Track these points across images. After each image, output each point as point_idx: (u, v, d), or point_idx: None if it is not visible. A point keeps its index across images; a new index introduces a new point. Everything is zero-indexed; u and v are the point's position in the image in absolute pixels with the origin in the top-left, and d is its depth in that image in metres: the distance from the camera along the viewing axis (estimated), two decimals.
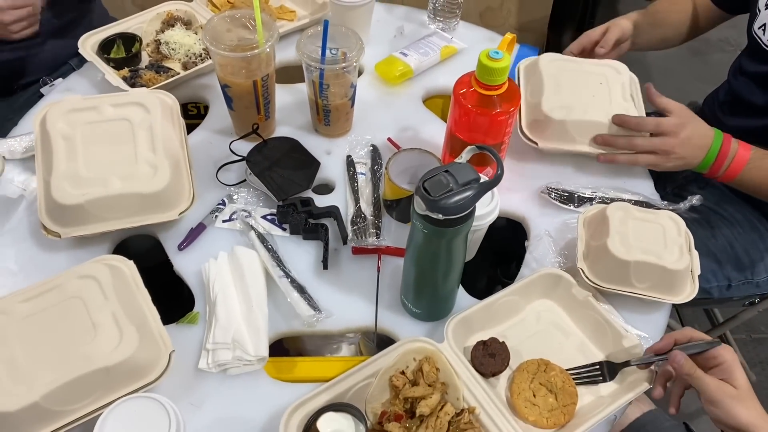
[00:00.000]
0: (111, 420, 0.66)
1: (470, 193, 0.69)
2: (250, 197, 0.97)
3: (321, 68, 0.94)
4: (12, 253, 0.90)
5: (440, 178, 0.69)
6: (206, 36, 0.92)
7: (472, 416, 0.75)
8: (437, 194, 0.68)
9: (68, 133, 0.89)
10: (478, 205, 0.82)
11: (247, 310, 0.83)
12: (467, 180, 0.69)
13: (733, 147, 0.98)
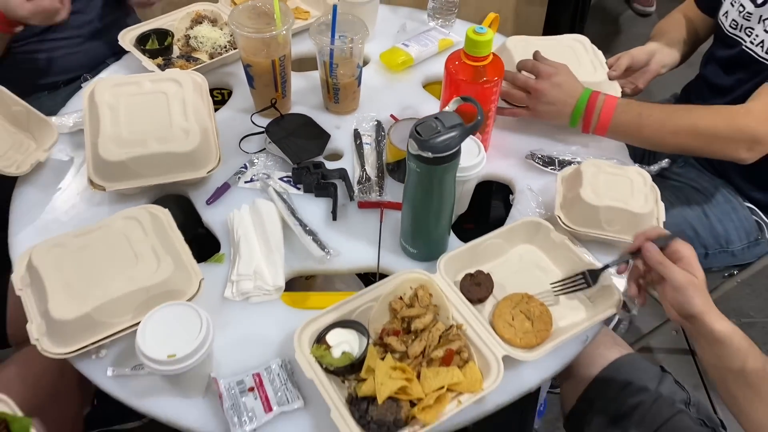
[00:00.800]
0: (152, 321, 0.78)
1: (455, 134, 0.81)
2: (268, 162, 1.10)
3: (331, 48, 1.08)
4: (63, 208, 1.03)
5: (430, 123, 0.82)
6: (232, 21, 1.06)
7: (459, 331, 0.86)
8: (427, 135, 0.81)
9: (113, 103, 1.04)
10: (467, 157, 0.95)
11: (266, 250, 0.95)
12: (453, 124, 0.82)
13: (601, 97, 1.09)
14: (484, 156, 0.98)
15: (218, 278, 0.95)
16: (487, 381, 0.82)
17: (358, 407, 0.80)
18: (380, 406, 0.79)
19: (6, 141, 1.06)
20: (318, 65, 1.15)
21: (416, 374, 0.82)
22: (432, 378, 0.81)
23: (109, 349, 0.87)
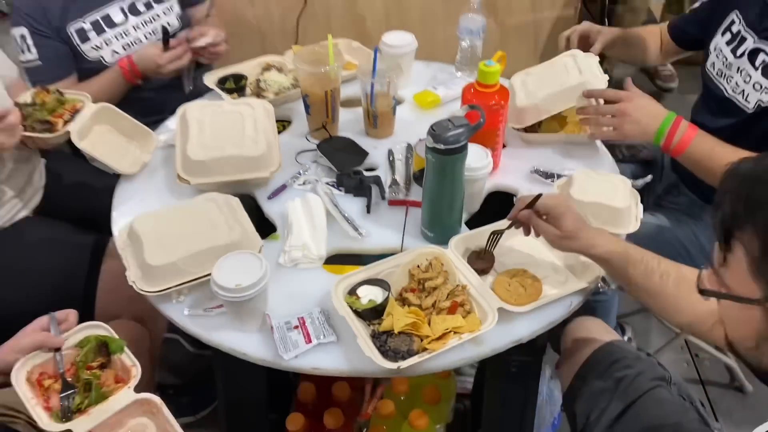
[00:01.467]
0: (225, 262, 1.02)
1: (462, 130, 1.06)
2: (318, 170, 1.36)
3: (372, 82, 1.36)
4: (155, 198, 1.30)
5: (443, 123, 1.07)
6: (296, 60, 1.36)
7: (464, 290, 1.07)
8: (440, 131, 1.05)
9: (200, 118, 1.33)
10: (476, 160, 1.18)
11: (312, 229, 1.19)
12: (461, 124, 1.06)
13: (684, 123, 1.30)
14: (491, 161, 1.22)
15: (274, 251, 1.18)
16: (484, 325, 1.01)
17: (379, 339, 1.01)
18: (396, 338, 1.00)
19: (120, 147, 1.37)
20: (362, 98, 1.42)
21: (428, 321, 1.03)
22: (440, 323, 1.02)
23: (186, 295, 1.11)
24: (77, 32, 1.66)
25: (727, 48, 1.43)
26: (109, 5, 1.69)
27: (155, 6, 1.76)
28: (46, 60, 1.62)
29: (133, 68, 1.65)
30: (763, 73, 1.34)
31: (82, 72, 1.69)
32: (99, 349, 1.04)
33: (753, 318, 0.67)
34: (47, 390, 0.99)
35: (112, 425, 0.96)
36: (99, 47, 1.68)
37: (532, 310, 1.06)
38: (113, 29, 1.70)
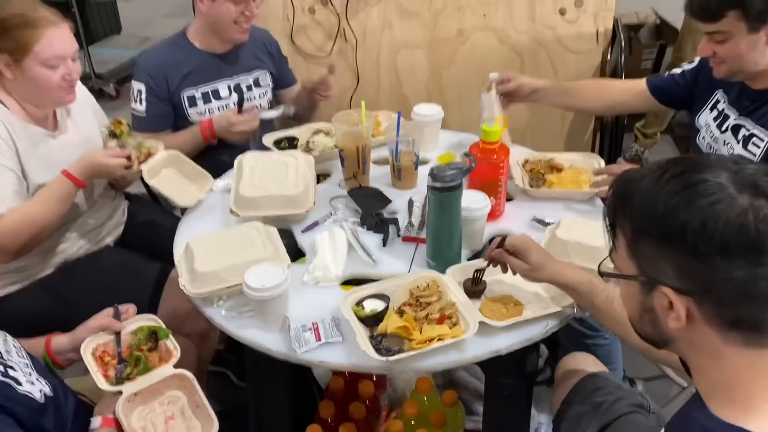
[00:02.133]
0: (255, 270, 1.25)
1: (456, 172, 1.28)
2: (346, 212, 1.60)
3: (397, 140, 1.61)
4: (208, 227, 1.57)
5: (442, 167, 1.30)
6: (334, 121, 1.63)
7: (453, 306, 1.25)
8: (439, 173, 1.28)
9: (252, 164, 1.61)
10: (475, 203, 1.39)
11: (334, 255, 1.42)
12: (455, 167, 1.29)
13: None
14: (488, 205, 1.42)
15: (300, 271, 1.41)
16: (466, 333, 1.19)
17: (375, 340, 1.20)
18: (390, 339, 1.19)
19: (182, 186, 1.66)
20: (389, 155, 1.67)
21: (419, 330, 1.22)
22: (428, 330, 1.21)
23: (225, 301, 1.34)
24: (188, 98, 1.99)
25: (714, 123, 1.60)
26: (220, 82, 2.03)
27: (254, 89, 2.08)
28: (150, 116, 1.96)
29: (210, 128, 1.96)
30: (744, 145, 1.50)
31: (178, 128, 2.01)
32: (149, 336, 1.28)
33: (635, 293, 0.83)
34: (106, 364, 1.24)
35: (153, 392, 1.19)
36: (202, 114, 2.02)
37: (512, 327, 1.23)
38: (217, 101, 2.03)
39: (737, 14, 1.36)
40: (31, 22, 1.49)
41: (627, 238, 0.80)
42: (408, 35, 2.30)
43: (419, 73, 2.35)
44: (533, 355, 1.40)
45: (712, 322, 0.75)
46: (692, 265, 0.74)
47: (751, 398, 0.75)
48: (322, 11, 2.30)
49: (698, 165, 0.77)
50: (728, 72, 1.48)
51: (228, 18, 1.89)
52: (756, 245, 0.71)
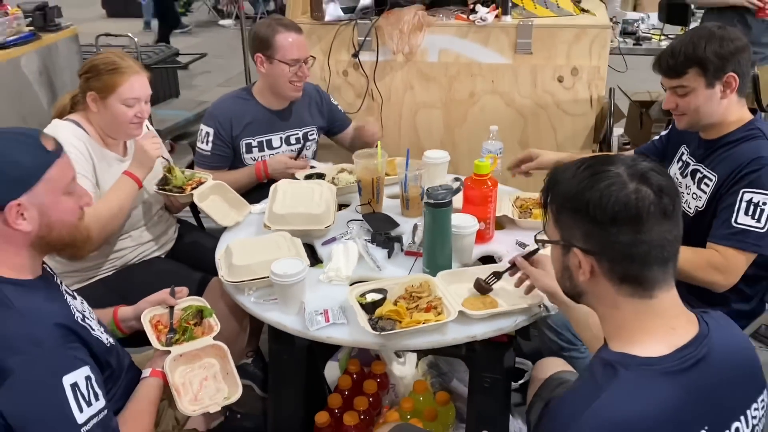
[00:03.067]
0: (281, 262, 1.55)
1: (446, 191, 1.58)
2: (360, 231, 1.90)
3: (405, 173, 1.92)
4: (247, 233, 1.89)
5: (435, 187, 1.60)
6: (355, 156, 1.96)
7: (439, 300, 1.52)
8: (432, 191, 1.58)
9: (285, 188, 1.94)
10: (463, 222, 1.68)
11: (345, 261, 1.71)
12: (446, 188, 1.59)
13: None
14: (476, 225, 1.70)
15: (317, 273, 1.70)
16: (447, 318, 1.45)
17: (372, 321, 1.47)
18: (384, 321, 1.46)
19: (224, 210, 2.00)
20: (399, 188, 1.98)
21: (410, 316, 1.49)
22: (417, 316, 1.48)
23: (254, 291, 1.63)
24: (246, 145, 2.36)
25: (679, 172, 1.88)
26: (274, 134, 2.40)
27: (302, 143, 2.43)
28: (214, 155, 2.32)
29: (264, 168, 2.31)
30: (698, 185, 1.77)
31: (233, 168, 2.37)
32: (196, 313, 1.57)
33: (557, 255, 1.09)
34: (159, 332, 1.53)
35: (193, 357, 1.47)
36: (255, 159, 2.38)
37: (486, 319, 1.49)
38: (270, 150, 2.40)
39: (697, 71, 1.66)
40: (119, 69, 1.88)
41: (553, 213, 1.08)
42: (426, 96, 2.66)
43: (435, 129, 2.69)
44: (509, 352, 1.64)
45: (607, 276, 1.02)
46: (593, 231, 1.01)
47: (636, 334, 1.01)
48: (354, 74, 2.68)
49: (604, 160, 1.05)
50: (688, 123, 1.76)
51: (284, 78, 2.26)
52: (636, 218, 0.98)
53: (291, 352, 1.72)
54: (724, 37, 1.63)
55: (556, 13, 2.60)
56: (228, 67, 6.85)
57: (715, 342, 1.01)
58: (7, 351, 1.13)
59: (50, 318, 1.22)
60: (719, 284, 1.66)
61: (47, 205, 1.25)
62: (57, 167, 1.26)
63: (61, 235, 1.29)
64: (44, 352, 1.16)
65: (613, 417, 0.92)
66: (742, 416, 1.01)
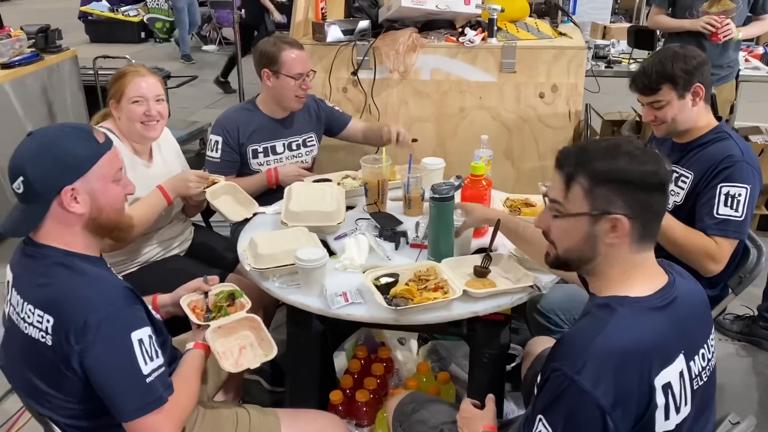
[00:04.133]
0: (305, 249, 1.75)
1: (449, 187, 1.80)
2: (368, 227, 2.10)
3: (408, 176, 2.14)
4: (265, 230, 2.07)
5: (440, 183, 1.81)
6: (363, 160, 2.17)
7: (445, 282, 1.73)
8: (437, 187, 1.80)
9: (299, 189, 2.14)
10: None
11: (358, 252, 1.91)
12: (449, 184, 1.81)
13: None
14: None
15: (333, 263, 1.89)
16: (453, 296, 1.66)
17: (387, 299, 1.67)
18: (397, 299, 1.66)
19: (234, 207, 2.19)
20: (402, 189, 2.20)
21: (420, 294, 1.69)
22: (427, 294, 1.68)
23: (277, 278, 1.82)
24: (252, 151, 2.55)
25: None
26: (277, 140, 2.59)
27: (302, 149, 2.65)
28: (223, 161, 2.50)
29: (276, 176, 2.51)
30: (675, 183, 2.01)
31: (241, 174, 2.55)
32: (228, 296, 1.75)
33: (582, 225, 1.22)
34: (197, 314, 1.70)
35: (230, 330, 1.65)
36: (261, 164, 2.57)
37: (486, 298, 1.70)
38: (274, 155, 2.59)
39: (669, 86, 1.92)
40: (127, 73, 2.11)
41: (584, 187, 1.22)
42: (420, 111, 2.89)
43: (428, 141, 2.92)
44: (505, 330, 1.84)
45: (633, 236, 1.20)
46: (637, 197, 1.19)
47: (626, 282, 1.21)
48: (353, 90, 2.91)
49: (623, 144, 1.24)
50: (666, 131, 2.01)
51: (289, 91, 2.47)
52: (662, 185, 1.20)
53: (308, 335, 1.91)
54: (687, 54, 1.90)
55: (536, 36, 2.86)
56: (213, 90, 7.07)
57: (680, 287, 1.23)
58: (87, 310, 1.31)
59: (118, 283, 1.41)
60: (711, 271, 1.87)
61: (98, 190, 1.42)
62: (107, 158, 1.43)
63: (110, 217, 1.46)
64: (117, 310, 1.34)
65: (618, 341, 1.13)
66: (705, 344, 1.24)
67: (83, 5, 10.53)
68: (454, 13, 2.87)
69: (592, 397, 1.10)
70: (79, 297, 1.34)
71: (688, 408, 1.19)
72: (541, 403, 1.17)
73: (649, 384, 1.13)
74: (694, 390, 1.20)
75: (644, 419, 1.14)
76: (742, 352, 2.78)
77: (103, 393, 1.34)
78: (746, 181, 1.87)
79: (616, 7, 6.22)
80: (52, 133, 1.42)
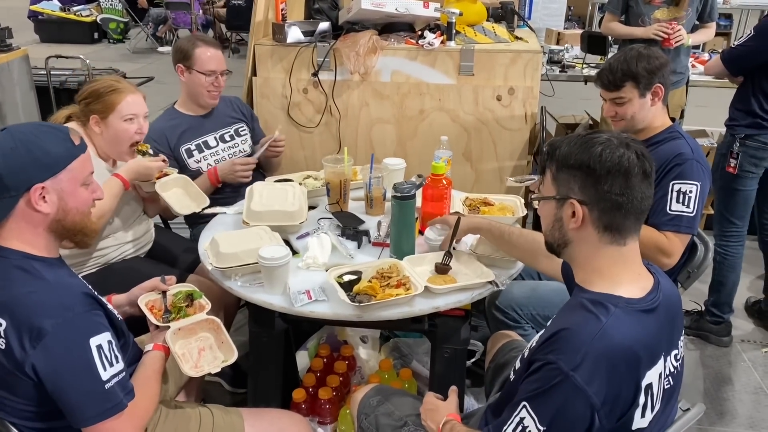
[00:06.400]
0: (267, 248, 1.75)
1: (410, 186, 1.83)
2: (331, 226, 2.11)
3: (370, 176, 2.16)
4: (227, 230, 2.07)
5: (402, 184, 1.84)
6: (324, 161, 2.19)
7: (407, 278, 1.75)
8: (399, 186, 1.83)
9: (260, 190, 2.14)
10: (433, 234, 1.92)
11: (321, 250, 1.92)
12: (410, 183, 1.84)
13: None
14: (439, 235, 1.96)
15: (295, 262, 1.90)
16: (415, 292, 1.69)
17: (350, 296, 1.69)
18: (361, 296, 1.68)
19: (184, 200, 2.19)
20: (364, 189, 2.22)
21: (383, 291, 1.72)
22: (389, 291, 1.70)
23: (240, 276, 1.82)
24: (185, 151, 2.56)
25: None
26: (208, 135, 2.61)
27: (236, 138, 2.67)
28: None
29: (216, 174, 2.51)
30: None
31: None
32: (186, 297, 1.74)
33: (551, 208, 1.28)
34: (155, 314, 1.69)
35: (190, 331, 1.64)
36: (198, 161, 2.57)
37: (447, 293, 1.73)
38: (209, 150, 2.60)
39: (632, 84, 2.00)
40: (117, 89, 2.08)
41: (552, 172, 1.28)
42: (381, 113, 2.92)
43: (389, 142, 2.95)
44: (465, 325, 1.88)
45: (594, 224, 1.23)
46: (589, 184, 1.22)
47: (614, 278, 1.24)
48: (313, 92, 2.92)
49: (596, 132, 1.27)
50: (624, 127, 2.08)
51: (201, 86, 2.52)
52: (625, 173, 1.20)
53: (270, 334, 1.92)
54: (651, 55, 1.98)
55: (493, 40, 2.92)
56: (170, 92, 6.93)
57: (663, 288, 1.27)
58: (42, 315, 1.29)
59: (77, 288, 1.39)
60: (664, 265, 1.91)
61: (67, 192, 1.41)
62: (80, 160, 1.43)
63: (75, 221, 1.45)
64: (74, 316, 1.32)
65: (615, 341, 1.15)
66: (679, 343, 1.30)
67: (33, 4, 10.27)
68: (414, 16, 2.91)
69: (585, 394, 1.12)
70: (33, 301, 1.32)
71: (659, 404, 1.23)
72: (527, 390, 1.19)
73: (636, 384, 1.17)
74: (665, 388, 1.25)
75: (625, 417, 1.18)
76: (691, 345, 2.89)
77: (59, 399, 1.32)
78: (696, 178, 1.95)
79: (570, 14, 6.41)
80: (28, 130, 1.40)
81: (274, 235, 1.94)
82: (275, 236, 1.94)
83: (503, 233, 1.81)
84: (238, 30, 9.97)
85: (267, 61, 2.93)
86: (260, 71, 2.95)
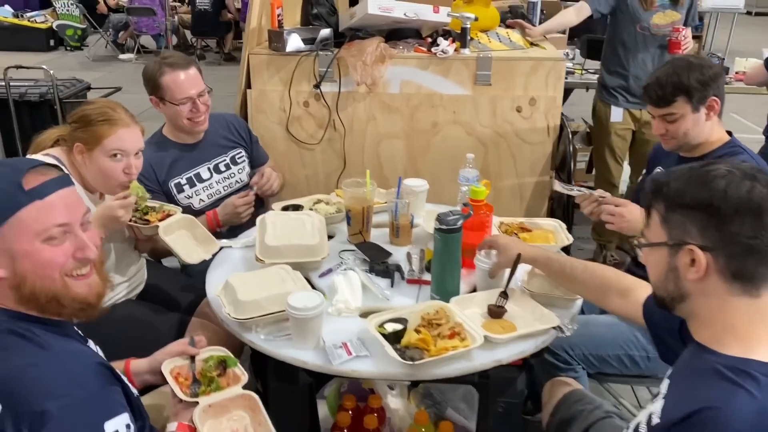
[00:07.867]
0: (296, 295, 1.48)
1: (457, 217, 1.58)
2: (355, 261, 1.86)
3: (396, 201, 1.91)
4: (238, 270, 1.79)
5: (446, 214, 1.60)
6: (345, 186, 1.93)
7: (461, 325, 1.51)
8: (443, 217, 1.58)
9: (274, 220, 1.87)
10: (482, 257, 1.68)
11: (351, 291, 1.66)
12: (456, 214, 1.59)
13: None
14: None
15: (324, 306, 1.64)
16: (474, 344, 1.44)
17: (399, 351, 1.43)
18: (411, 350, 1.43)
19: (191, 246, 1.90)
20: (388, 216, 1.97)
21: (434, 344, 1.46)
22: (442, 343, 1.45)
23: (262, 328, 1.55)
24: (175, 186, 2.26)
25: None
26: (200, 167, 2.31)
27: (232, 167, 2.38)
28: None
29: (216, 218, 2.20)
30: None
31: None
32: (218, 363, 1.45)
33: (662, 257, 1.09)
34: (180, 384, 1.39)
35: (222, 409, 1.36)
36: (190, 197, 2.28)
37: (509, 342, 1.49)
38: (201, 183, 2.30)
39: (684, 99, 1.80)
40: (111, 120, 1.78)
41: (661, 213, 1.08)
42: (389, 127, 2.67)
43: (398, 159, 2.70)
44: (522, 375, 1.65)
45: (721, 273, 1.03)
46: (712, 225, 1.02)
47: (752, 339, 1.03)
48: (315, 105, 2.65)
49: (712, 163, 1.08)
50: (676, 145, 1.89)
51: (180, 116, 2.19)
52: (758, 210, 1.00)
53: (293, 390, 1.65)
54: (703, 65, 1.78)
55: (509, 46, 2.71)
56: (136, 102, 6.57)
57: None
58: (45, 395, 1.02)
59: (91, 357, 1.11)
60: None
61: (18, 252, 1.10)
62: (33, 209, 1.10)
63: (35, 288, 1.12)
64: (87, 396, 1.06)
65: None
66: None
67: None
68: (422, 21, 2.68)
69: None
70: (34, 377, 1.05)
71: None
72: None
73: None
74: None
75: None
76: None
77: None
78: None
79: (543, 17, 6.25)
80: None
81: (297, 276, 1.67)
82: (298, 277, 1.67)
83: (564, 267, 1.58)
84: (204, 36, 9.62)
85: (263, 72, 2.65)
86: (255, 83, 2.67)
